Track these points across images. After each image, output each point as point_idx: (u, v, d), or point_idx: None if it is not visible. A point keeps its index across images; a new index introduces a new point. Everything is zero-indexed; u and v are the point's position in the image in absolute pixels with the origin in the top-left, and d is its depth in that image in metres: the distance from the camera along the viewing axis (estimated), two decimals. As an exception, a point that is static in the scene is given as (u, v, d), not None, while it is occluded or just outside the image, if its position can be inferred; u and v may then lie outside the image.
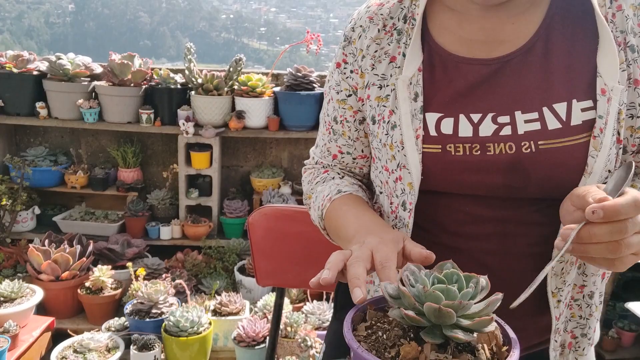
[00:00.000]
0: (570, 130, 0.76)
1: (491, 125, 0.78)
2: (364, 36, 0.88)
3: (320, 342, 2.24)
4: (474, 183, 0.80)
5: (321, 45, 2.98)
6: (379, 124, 0.86)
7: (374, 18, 0.87)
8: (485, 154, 0.78)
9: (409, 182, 0.82)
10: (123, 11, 74.42)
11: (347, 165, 0.98)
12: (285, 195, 2.99)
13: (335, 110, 0.94)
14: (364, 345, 0.60)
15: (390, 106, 0.84)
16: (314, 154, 1.03)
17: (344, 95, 0.92)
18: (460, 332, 0.56)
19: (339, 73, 0.91)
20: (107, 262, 2.73)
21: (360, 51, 0.88)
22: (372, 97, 0.87)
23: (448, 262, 0.65)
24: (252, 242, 1.31)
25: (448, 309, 0.56)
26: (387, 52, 0.86)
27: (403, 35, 0.85)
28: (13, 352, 2.07)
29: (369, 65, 0.87)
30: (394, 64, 0.85)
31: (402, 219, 0.85)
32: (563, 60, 0.78)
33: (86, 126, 2.92)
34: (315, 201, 0.94)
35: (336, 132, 0.95)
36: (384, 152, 0.86)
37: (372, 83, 0.87)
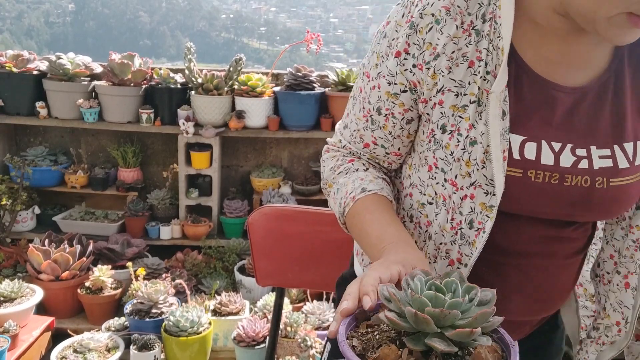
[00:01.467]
0: (634, 169, 0.80)
1: (570, 157, 0.78)
2: (437, 29, 0.77)
3: (321, 342, 2.24)
4: (545, 209, 0.80)
5: (321, 45, 2.98)
6: (452, 135, 0.79)
7: (451, 10, 0.76)
8: (562, 184, 0.78)
9: (483, 202, 0.79)
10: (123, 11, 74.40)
11: (377, 157, 0.92)
12: (285, 195, 2.99)
13: (380, 101, 0.85)
14: (357, 342, 0.60)
15: (470, 119, 0.77)
16: (342, 135, 0.94)
17: (397, 90, 0.83)
18: (439, 342, 0.56)
19: (397, 64, 0.81)
20: (107, 262, 2.73)
21: (430, 45, 0.78)
22: (446, 104, 0.79)
23: (455, 271, 0.64)
24: (252, 242, 1.31)
25: (425, 316, 0.55)
26: (465, 54, 0.77)
27: (483, 39, 0.77)
28: (13, 352, 2.07)
29: (444, 67, 0.78)
30: (472, 70, 0.77)
31: (466, 237, 0.81)
32: (632, 100, 0.81)
33: (86, 126, 2.92)
34: (337, 194, 0.90)
35: (375, 122, 0.87)
36: (454, 167, 0.79)
37: (448, 89, 0.78)
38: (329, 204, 0.95)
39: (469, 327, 0.56)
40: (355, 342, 0.60)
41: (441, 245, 0.85)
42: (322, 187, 0.98)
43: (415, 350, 0.57)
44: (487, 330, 0.59)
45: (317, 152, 3.24)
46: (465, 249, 0.82)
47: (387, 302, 0.61)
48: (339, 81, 2.94)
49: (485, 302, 0.61)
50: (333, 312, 2.50)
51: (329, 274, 1.29)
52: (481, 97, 0.77)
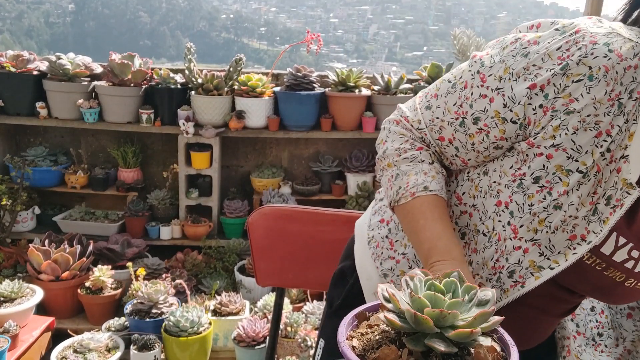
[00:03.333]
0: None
1: (624, 254, 0.79)
2: (585, 85, 0.71)
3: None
4: (574, 283, 0.83)
5: (321, 45, 2.99)
6: (541, 190, 0.75)
7: (609, 73, 0.70)
8: (602, 272, 0.80)
9: (533, 260, 0.79)
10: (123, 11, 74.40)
11: (444, 154, 0.87)
12: (286, 195, 2.99)
13: (484, 114, 0.79)
14: (357, 342, 0.60)
15: (568, 186, 0.74)
16: (422, 115, 0.88)
17: (509, 117, 0.77)
18: (439, 342, 0.56)
19: (526, 95, 0.74)
20: (107, 262, 2.73)
21: (568, 96, 0.72)
22: (553, 160, 0.74)
23: (455, 271, 0.64)
24: (252, 242, 1.31)
25: (425, 317, 0.55)
26: (598, 123, 0.72)
27: (622, 115, 0.72)
28: (13, 352, 2.07)
29: (571, 126, 0.72)
30: (597, 141, 0.72)
31: (502, 282, 0.83)
32: None
33: (86, 126, 2.92)
34: (395, 180, 0.86)
35: (465, 126, 0.82)
36: (525, 218, 0.77)
37: (564, 148, 0.73)
38: (380, 178, 0.92)
39: (468, 327, 0.56)
40: (355, 343, 0.60)
41: (476, 276, 0.85)
42: (376, 159, 0.93)
43: (415, 350, 0.57)
44: (487, 330, 0.59)
45: (317, 152, 3.25)
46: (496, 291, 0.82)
47: (387, 303, 0.61)
48: (339, 81, 2.94)
49: (484, 302, 0.61)
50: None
51: (329, 274, 1.29)
52: (590, 171, 0.73)
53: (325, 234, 1.28)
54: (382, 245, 0.97)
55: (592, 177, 0.73)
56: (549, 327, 0.97)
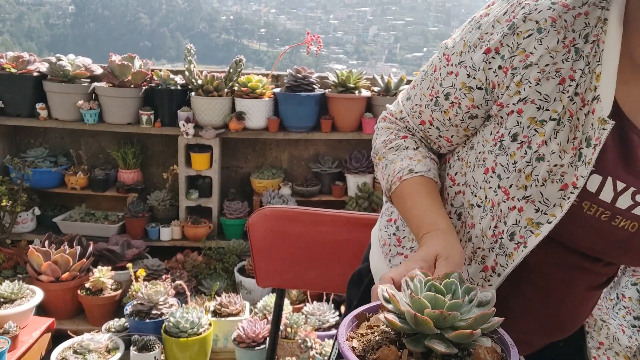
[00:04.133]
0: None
1: (629, 200, 0.77)
2: (536, 38, 0.74)
3: (321, 343, 2.24)
4: (582, 241, 0.80)
5: (321, 47, 2.99)
6: (521, 146, 0.77)
7: (557, 22, 0.73)
8: (610, 223, 0.78)
9: (530, 217, 0.78)
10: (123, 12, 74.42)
11: (429, 138, 0.92)
12: (286, 196, 2.99)
13: (453, 88, 0.84)
14: (357, 343, 0.60)
15: (545, 135, 0.75)
16: (404, 106, 0.94)
17: (474, 84, 0.81)
18: (439, 343, 0.56)
19: (483, 60, 0.79)
20: (107, 263, 2.73)
21: (523, 52, 0.75)
22: (525, 114, 0.76)
23: (455, 272, 0.64)
24: (252, 243, 1.31)
25: (425, 318, 0.55)
26: (558, 70, 0.74)
27: (581, 59, 0.74)
28: (13, 353, 2.07)
29: (533, 78, 0.75)
30: (562, 87, 0.75)
31: (505, 247, 0.81)
32: None
33: (86, 127, 2.92)
34: (385, 170, 0.91)
35: (439, 105, 0.86)
36: (512, 177, 0.78)
37: (531, 100, 0.76)
38: (377, 175, 0.96)
39: (468, 328, 0.56)
40: (355, 343, 0.60)
41: (478, 250, 0.84)
42: (371, 156, 0.98)
43: (415, 351, 0.57)
44: (487, 331, 0.59)
45: (317, 154, 3.25)
46: (501, 259, 0.81)
47: (387, 303, 0.61)
48: (338, 82, 2.94)
49: (484, 303, 0.61)
50: (333, 313, 2.50)
51: (329, 275, 1.30)
52: (562, 117, 0.75)
53: (325, 234, 1.28)
54: (389, 242, 0.99)
55: (567, 122, 0.75)
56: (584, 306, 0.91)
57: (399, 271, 0.68)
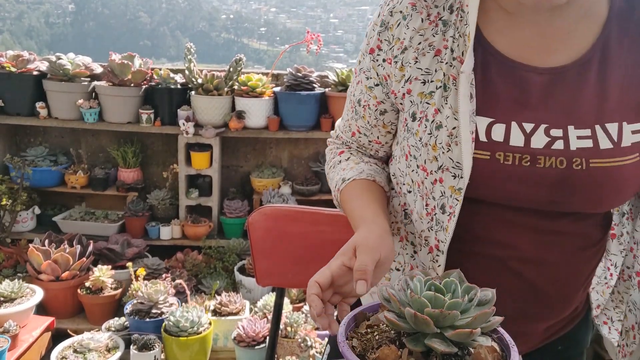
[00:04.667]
0: (620, 151, 0.76)
1: (544, 138, 0.76)
2: (404, 25, 0.81)
3: (321, 342, 2.24)
4: (518, 194, 0.78)
5: (321, 46, 2.98)
6: (421, 121, 0.81)
7: (417, 5, 0.81)
8: (535, 166, 0.76)
9: (451, 185, 0.78)
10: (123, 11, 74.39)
11: (363, 145, 0.98)
12: (285, 195, 2.99)
13: (361, 94, 0.92)
14: (357, 343, 0.60)
15: (435, 104, 0.79)
16: (338, 126, 1.02)
17: (372, 83, 0.89)
18: (438, 342, 0.55)
19: (371, 59, 0.86)
20: (107, 262, 2.73)
21: (398, 40, 0.82)
22: (414, 92, 0.81)
23: (455, 271, 0.64)
24: (252, 242, 1.31)
25: (424, 317, 0.55)
26: (431, 44, 0.80)
27: (449, 28, 0.79)
28: (13, 352, 2.07)
29: (411, 58, 0.81)
30: (439, 58, 0.79)
31: (441, 222, 0.81)
32: (618, 79, 0.76)
33: (86, 126, 2.92)
34: (332, 190, 0.97)
35: (358, 112, 0.94)
36: (423, 152, 0.81)
37: (415, 77, 0.81)
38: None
39: (468, 327, 0.56)
40: (355, 343, 0.60)
41: (422, 233, 0.86)
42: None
43: (415, 350, 0.57)
44: (487, 330, 0.59)
45: (317, 153, 3.24)
46: (440, 235, 0.82)
47: (387, 303, 0.61)
48: (339, 81, 2.94)
49: (484, 302, 0.61)
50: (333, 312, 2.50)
51: (328, 274, 1.30)
52: (447, 83, 0.79)
53: (325, 234, 1.28)
54: None
55: (452, 86, 0.78)
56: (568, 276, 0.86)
57: (323, 272, 0.71)
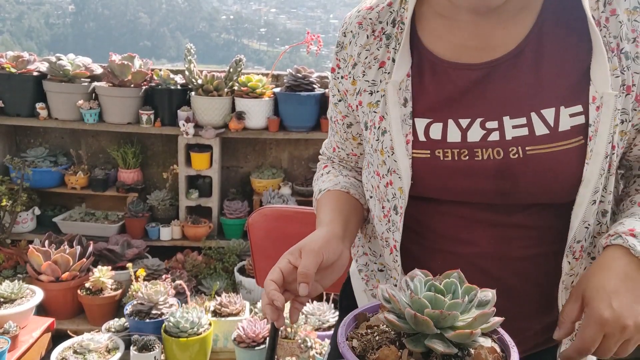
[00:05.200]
0: (558, 136, 0.76)
1: (479, 131, 0.78)
2: (354, 42, 0.88)
3: (321, 343, 2.24)
4: (464, 189, 0.80)
5: (321, 46, 2.98)
6: (371, 129, 0.86)
7: (363, 23, 0.88)
8: (473, 159, 0.78)
9: (400, 186, 0.82)
10: (123, 12, 74.40)
11: (343, 159, 1.03)
12: (285, 196, 2.99)
13: (332, 111, 0.99)
14: (357, 343, 0.60)
15: (380, 112, 0.84)
16: (324, 144, 1.08)
17: (336, 100, 0.95)
18: (438, 343, 0.56)
19: (333, 78, 0.94)
20: (107, 262, 2.73)
21: (351, 57, 0.89)
22: (364, 103, 0.87)
23: (455, 272, 0.64)
24: (252, 242, 1.31)
25: (424, 318, 0.55)
26: (376, 57, 0.86)
27: (392, 40, 0.85)
28: (13, 352, 2.07)
29: (360, 72, 0.87)
30: (384, 69, 0.85)
31: (395, 222, 0.85)
32: (554, 66, 0.77)
33: (86, 127, 2.92)
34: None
35: (333, 129, 1.01)
36: (375, 158, 0.86)
37: (364, 89, 0.87)
38: None
39: (468, 328, 0.56)
40: (355, 343, 0.60)
41: (382, 235, 0.89)
42: None
43: (415, 351, 0.57)
44: (487, 331, 0.59)
45: (317, 153, 3.23)
46: (396, 235, 0.85)
47: (387, 304, 0.61)
48: (338, 82, 2.93)
49: (484, 302, 0.61)
50: (333, 312, 2.50)
51: (329, 274, 1.30)
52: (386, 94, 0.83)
53: (325, 234, 1.28)
54: (356, 243, 1.05)
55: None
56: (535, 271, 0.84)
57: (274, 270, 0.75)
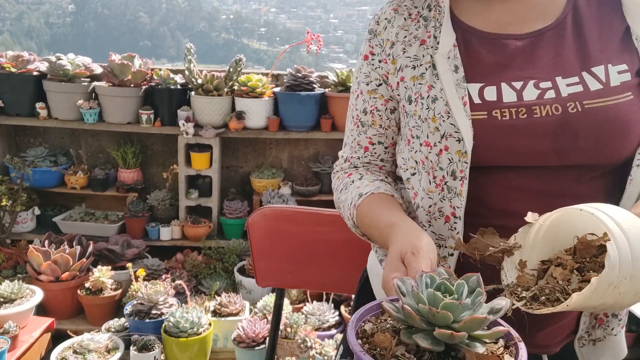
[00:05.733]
0: (611, 90, 0.80)
1: (534, 90, 0.81)
2: (389, 27, 0.92)
3: (320, 343, 2.24)
4: (522, 148, 0.80)
5: (321, 46, 2.98)
6: (417, 102, 0.87)
7: (399, 9, 0.93)
8: (532, 116, 0.80)
9: (458, 149, 0.82)
10: (123, 11, 74.38)
11: (379, 156, 1.00)
12: (285, 196, 2.99)
13: (365, 102, 0.97)
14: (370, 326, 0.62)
15: (428, 82, 0.86)
16: (343, 153, 1.04)
17: (374, 86, 0.95)
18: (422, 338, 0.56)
19: (368, 65, 0.95)
20: (107, 262, 2.73)
21: (388, 41, 0.92)
22: (406, 78, 0.89)
23: (475, 275, 0.62)
24: (251, 242, 1.31)
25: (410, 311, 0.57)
26: (416, 36, 0.90)
27: (430, 21, 0.89)
28: (13, 352, 2.07)
29: (400, 50, 0.90)
30: (425, 46, 0.88)
31: (453, 188, 0.84)
32: (594, 30, 0.84)
33: (86, 127, 2.92)
34: (344, 212, 0.96)
35: (365, 123, 0.97)
36: (424, 127, 0.85)
37: (405, 65, 0.89)
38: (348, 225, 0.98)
39: (460, 330, 0.56)
40: (368, 327, 0.62)
41: (431, 208, 0.87)
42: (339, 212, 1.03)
43: (408, 343, 0.58)
44: (486, 337, 0.58)
45: (317, 153, 3.24)
46: (455, 201, 0.84)
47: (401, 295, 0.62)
48: (339, 82, 2.94)
49: (496, 310, 0.60)
50: (333, 312, 2.50)
51: (328, 274, 1.30)
52: (436, 64, 0.86)
53: (324, 234, 1.28)
54: None
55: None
56: None
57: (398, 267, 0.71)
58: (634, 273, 0.64)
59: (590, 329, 0.89)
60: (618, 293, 0.64)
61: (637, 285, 0.65)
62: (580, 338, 0.89)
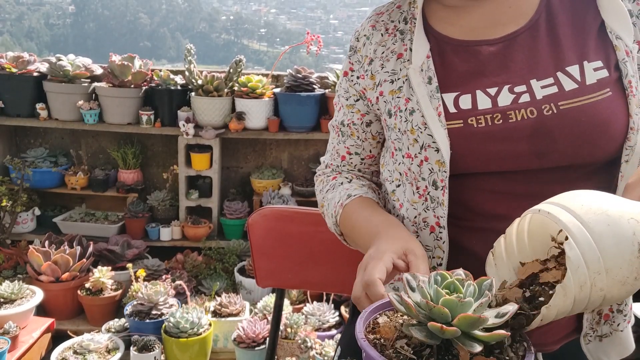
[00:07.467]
0: (587, 89, 0.80)
1: (509, 95, 0.81)
2: (368, 43, 0.94)
3: (320, 343, 2.24)
4: (500, 154, 0.81)
5: (321, 47, 2.99)
6: (396, 115, 0.88)
7: (376, 25, 0.94)
8: (507, 122, 0.80)
9: (437, 159, 0.82)
10: (123, 12, 74.40)
11: (356, 166, 1.03)
12: (285, 196, 2.99)
13: (344, 115, 1.00)
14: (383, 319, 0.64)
15: (405, 95, 0.87)
16: (324, 160, 1.07)
17: (352, 101, 0.98)
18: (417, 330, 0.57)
19: (347, 80, 0.98)
20: (107, 263, 2.73)
21: (366, 57, 0.93)
22: (385, 92, 0.90)
23: (489, 279, 0.62)
24: (252, 243, 1.31)
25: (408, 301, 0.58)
26: (393, 50, 0.91)
27: (406, 34, 0.90)
28: (13, 353, 2.07)
29: (378, 66, 0.92)
30: (402, 60, 0.89)
31: (436, 198, 0.85)
32: (568, 28, 0.83)
33: (86, 127, 2.92)
34: (328, 209, 0.98)
35: (344, 133, 1.00)
36: (404, 140, 0.87)
37: (384, 80, 0.91)
38: (328, 225, 1.01)
39: (456, 326, 0.56)
40: (382, 319, 0.64)
41: (417, 218, 0.88)
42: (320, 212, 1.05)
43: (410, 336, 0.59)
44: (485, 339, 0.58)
45: (317, 154, 3.25)
46: (438, 210, 0.85)
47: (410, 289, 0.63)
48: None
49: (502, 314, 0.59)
50: (333, 313, 2.50)
51: (328, 274, 1.30)
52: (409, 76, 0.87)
53: (325, 234, 1.27)
54: None
55: None
56: None
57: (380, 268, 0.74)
58: (608, 266, 0.59)
59: (595, 325, 0.89)
60: (599, 290, 0.59)
61: (618, 275, 0.59)
62: (586, 335, 0.89)
